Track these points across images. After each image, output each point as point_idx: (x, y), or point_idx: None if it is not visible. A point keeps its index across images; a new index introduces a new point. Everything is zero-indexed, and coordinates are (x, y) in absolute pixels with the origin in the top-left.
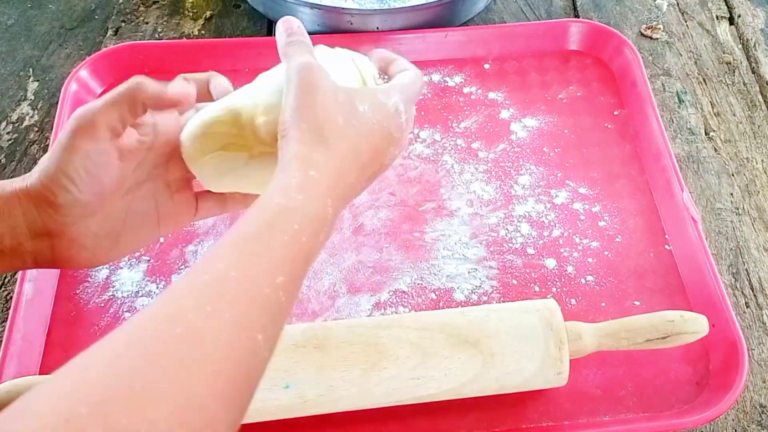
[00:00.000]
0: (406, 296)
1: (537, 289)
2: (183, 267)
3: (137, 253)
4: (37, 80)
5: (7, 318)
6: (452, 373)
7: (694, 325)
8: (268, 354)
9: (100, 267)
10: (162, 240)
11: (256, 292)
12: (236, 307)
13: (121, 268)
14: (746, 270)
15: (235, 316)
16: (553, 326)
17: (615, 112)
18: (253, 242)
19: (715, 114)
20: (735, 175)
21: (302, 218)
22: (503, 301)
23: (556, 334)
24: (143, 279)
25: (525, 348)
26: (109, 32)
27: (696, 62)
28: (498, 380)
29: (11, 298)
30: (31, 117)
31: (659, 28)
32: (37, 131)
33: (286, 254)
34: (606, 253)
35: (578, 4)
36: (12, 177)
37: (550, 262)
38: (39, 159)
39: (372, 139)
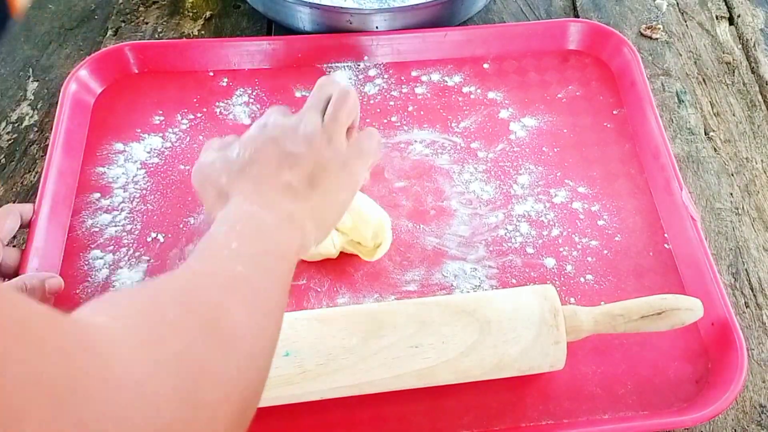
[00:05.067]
0: (405, 296)
1: None
2: None
3: (137, 253)
4: (37, 80)
5: None
6: (450, 341)
7: (688, 302)
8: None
9: (100, 267)
10: (162, 239)
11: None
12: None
13: (121, 267)
14: (746, 270)
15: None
16: (547, 296)
17: (614, 112)
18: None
19: (714, 114)
20: (735, 175)
21: (228, 219)
22: None
23: (550, 302)
24: (143, 279)
25: (520, 314)
26: (109, 32)
27: (696, 62)
28: (496, 348)
29: None
30: (31, 117)
31: (659, 28)
32: (36, 131)
33: (230, 252)
34: (605, 252)
35: (578, 3)
36: (12, 177)
37: (550, 262)
38: (38, 159)
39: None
